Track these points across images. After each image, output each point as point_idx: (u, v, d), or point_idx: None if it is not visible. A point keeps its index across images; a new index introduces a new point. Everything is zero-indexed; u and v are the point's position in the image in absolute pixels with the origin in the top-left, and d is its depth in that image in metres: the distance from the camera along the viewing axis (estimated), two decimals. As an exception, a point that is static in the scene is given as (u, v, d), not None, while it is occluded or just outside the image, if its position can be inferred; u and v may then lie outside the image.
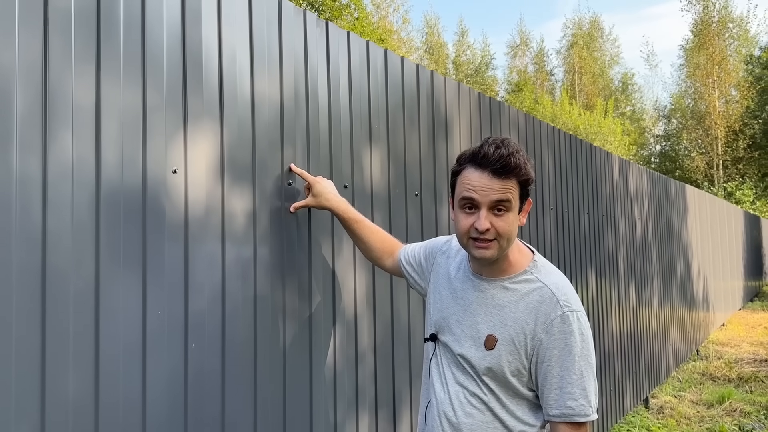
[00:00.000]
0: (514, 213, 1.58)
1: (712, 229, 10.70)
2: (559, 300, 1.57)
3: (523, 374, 1.59)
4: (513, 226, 1.58)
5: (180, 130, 1.79)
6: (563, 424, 1.54)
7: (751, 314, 13.16)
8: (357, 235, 2.15)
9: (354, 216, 2.15)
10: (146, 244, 1.67)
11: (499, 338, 1.59)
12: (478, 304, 1.66)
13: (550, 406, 1.56)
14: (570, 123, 25.37)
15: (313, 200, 2.13)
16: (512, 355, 1.58)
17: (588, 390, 1.54)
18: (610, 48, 38.39)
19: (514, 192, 1.56)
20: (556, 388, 1.54)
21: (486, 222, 1.55)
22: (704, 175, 30.38)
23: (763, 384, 7.10)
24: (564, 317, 1.55)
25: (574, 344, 1.54)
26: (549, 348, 1.55)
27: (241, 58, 1.99)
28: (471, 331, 1.65)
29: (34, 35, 1.46)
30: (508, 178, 1.55)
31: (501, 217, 1.56)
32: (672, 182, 7.99)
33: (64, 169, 1.50)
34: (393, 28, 31.18)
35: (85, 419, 1.50)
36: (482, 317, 1.64)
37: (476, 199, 1.56)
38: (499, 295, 1.64)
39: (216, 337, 1.85)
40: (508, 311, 1.61)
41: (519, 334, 1.58)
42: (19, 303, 1.39)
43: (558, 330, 1.55)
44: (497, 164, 1.53)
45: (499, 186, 1.55)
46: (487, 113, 3.49)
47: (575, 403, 1.53)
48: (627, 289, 5.84)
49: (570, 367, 1.53)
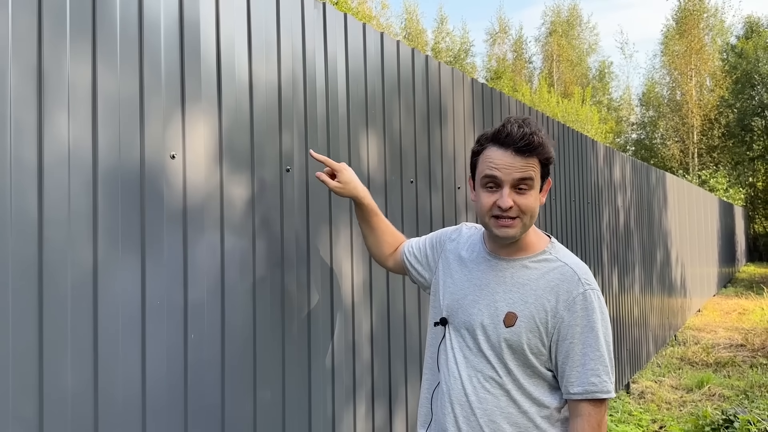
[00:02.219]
0: (536, 191, 1.59)
1: (690, 217, 10.85)
2: (580, 278, 1.59)
3: (543, 352, 1.58)
4: (535, 204, 1.59)
5: (178, 114, 1.73)
6: (585, 401, 1.54)
7: (725, 300, 13.42)
8: (373, 227, 2.08)
9: (375, 208, 2.08)
10: (144, 231, 1.62)
11: (520, 315, 1.59)
12: (497, 283, 1.65)
13: (572, 383, 1.55)
14: (548, 111, 25.48)
15: (341, 186, 2.02)
16: (532, 332, 1.57)
17: (608, 367, 1.56)
18: (589, 36, 38.56)
19: (536, 170, 1.58)
20: (578, 365, 1.55)
21: (509, 200, 1.56)
22: (679, 163, 30.78)
23: (740, 368, 7.24)
24: (586, 295, 1.57)
25: (596, 322, 1.56)
26: (571, 325, 1.56)
27: (238, 39, 1.93)
28: (489, 309, 1.63)
29: (28, 14, 1.39)
30: (530, 157, 1.56)
31: (523, 195, 1.57)
32: (653, 170, 8.07)
33: (60, 153, 1.44)
34: (372, 13, 30.94)
35: (84, 409, 1.46)
36: (501, 295, 1.63)
37: (499, 177, 1.57)
38: (519, 273, 1.63)
39: (215, 326, 1.81)
40: (529, 289, 1.60)
41: (540, 311, 1.58)
42: (15, 292, 1.34)
43: (580, 307, 1.56)
44: (520, 143, 1.54)
45: (522, 164, 1.56)
46: (480, 100, 3.46)
47: (598, 379, 1.53)
48: (610, 276, 5.89)
49: (593, 344, 1.55)
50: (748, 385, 6.44)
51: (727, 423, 4.67)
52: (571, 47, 36.40)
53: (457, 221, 3.12)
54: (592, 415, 1.54)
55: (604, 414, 1.56)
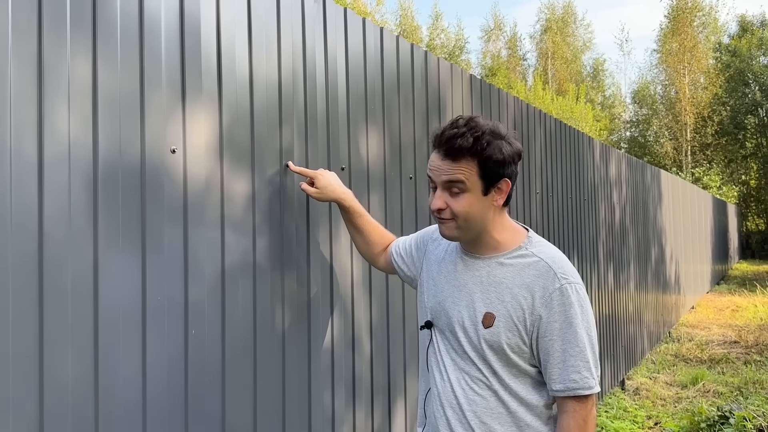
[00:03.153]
0: (474, 194, 1.55)
1: (684, 214, 10.89)
2: (556, 273, 1.54)
3: (524, 350, 1.56)
4: (472, 207, 1.55)
5: (178, 108, 1.72)
6: (569, 398, 1.52)
7: (718, 297, 13.48)
8: (359, 228, 2.08)
9: (359, 209, 2.08)
10: (145, 226, 1.61)
11: (497, 315, 1.55)
12: (474, 283, 1.62)
13: (554, 380, 1.53)
14: (543, 108, 25.52)
15: (318, 193, 2.04)
16: (511, 331, 1.54)
17: (590, 362, 1.52)
18: (583, 33, 38.60)
19: (469, 173, 1.53)
20: (558, 362, 1.52)
21: (438, 201, 1.57)
22: (673, 160, 30.88)
23: (734, 365, 7.27)
24: (562, 290, 1.52)
25: (575, 316, 1.52)
26: (550, 322, 1.52)
27: (239, 34, 1.92)
28: (468, 310, 1.60)
29: (28, 9, 1.37)
30: (460, 159, 1.52)
31: (455, 198, 1.55)
32: (648, 167, 8.09)
33: (60, 148, 1.42)
34: (367, 9, 30.89)
35: (84, 404, 1.45)
36: (479, 295, 1.60)
37: (432, 178, 1.58)
38: (495, 271, 1.60)
39: (216, 321, 1.80)
40: (505, 287, 1.57)
41: (517, 309, 1.55)
42: (15, 288, 1.33)
43: (557, 303, 1.52)
44: (446, 145, 1.53)
45: (449, 167, 1.53)
46: (479, 95, 3.46)
47: (578, 376, 1.51)
48: (606, 273, 5.90)
49: (572, 339, 1.51)
50: (742, 381, 6.47)
51: (723, 419, 4.69)
52: (565, 44, 36.42)
53: (456, 218, 3.12)
54: (577, 411, 1.52)
55: (590, 409, 1.53)
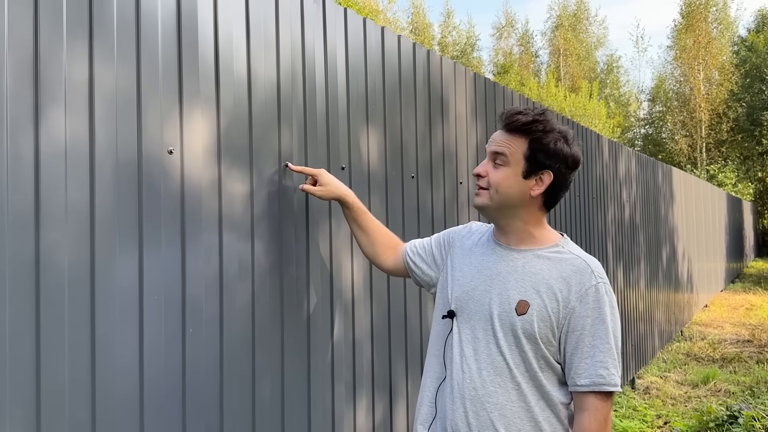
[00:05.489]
0: (513, 170, 1.62)
1: (697, 212, 10.79)
2: (593, 271, 1.60)
3: (552, 343, 1.59)
4: (507, 180, 1.63)
5: (175, 109, 1.73)
6: (592, 395, 1.54)
7: (732, 295, 13.35)
8: (363, 226, 2.08)
9: (362, 207, 2.08)
10: (142, 226, 1.62)
11: (531, 303, 1.59)
12: (508, 272, 1.65)
13: (580, 375, 1.55)
14: (556, 105, 25.36)
15: (322, 189, 2.04)
16: (543, 321, 1.58)
17: (616, 360, 1.56)
18: (597, 30, 38.30)
19: (515, 148, 1.62)
20: (587, 356, 1.55)
21: (480, 168, 1.67)
22: (687, 157, 30.57)
23: (747, 364, 7.20)
24: (598, 288, 1.58)
25: (607, 315, 1.57)
26: (582, 317, 1.56)
27: (237, 33, 1.93)
28: (501, 298, 1.63)
29: (24, 8, 1.39)
30: (514, 134, 1.62)
31: (496, 169, 1.64)
32: (660, 165, 8.02)
33: (57, 149, 1.44)
34: (379, 7, 30.84)
35: (81, 402, 1.46)
36: (513, 284, 1.63)
37: (487, 149, 1.69)
38: (531, 262, 1.64)
39: (214, 321, 1.81)
40: (541, 278, 1.61)
41: (552, 300, 1.58)
42: (12, 289, 1.34)
43: (592, 299, 1.57)
44: (507, 120, 1.63)
45: (501, 138, 1.64)
46: (483, 94, 3.45)
47: (606, 371, 1.54)
48: (615, 271, 5.87)
49: (602, 336, 1.55)
50: (754, 381, 6.41)
51: (732, 419, 4.65)
52: (578, 41, 36.16)
53: (459, 217, 3.12)
54: (598, 410, 1.54)
55: (609, 409, 1.56)
